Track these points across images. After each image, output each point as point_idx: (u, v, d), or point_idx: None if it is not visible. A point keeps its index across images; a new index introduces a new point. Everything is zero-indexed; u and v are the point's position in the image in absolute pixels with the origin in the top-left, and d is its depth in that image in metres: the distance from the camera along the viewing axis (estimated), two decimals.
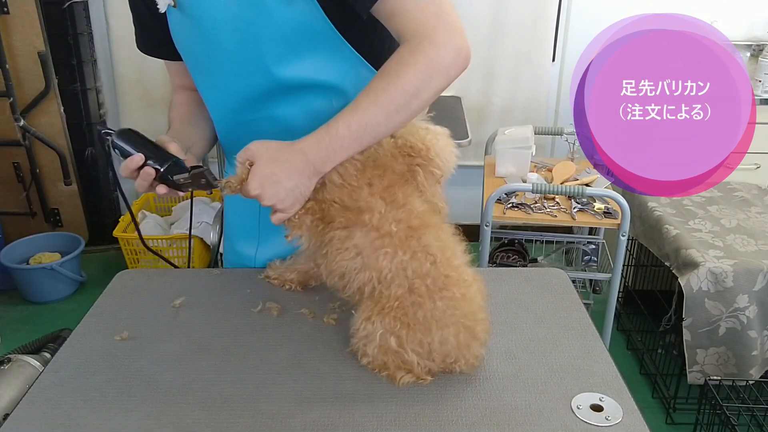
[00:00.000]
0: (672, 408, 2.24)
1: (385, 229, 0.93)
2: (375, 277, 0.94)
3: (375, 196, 0.95)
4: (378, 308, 0.93)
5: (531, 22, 2.94)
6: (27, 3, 2.78)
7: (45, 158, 3.03)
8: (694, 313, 2.02)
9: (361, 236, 0.94)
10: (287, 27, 0.98)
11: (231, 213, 1.32)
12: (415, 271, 0.93)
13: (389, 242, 0.93)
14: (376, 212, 0.94)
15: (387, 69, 0.95)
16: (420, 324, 0.92)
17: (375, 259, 0.93)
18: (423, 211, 0.97)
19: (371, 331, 0.93)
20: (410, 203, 0.96)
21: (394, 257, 0.93)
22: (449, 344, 0.92)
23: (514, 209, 2.19)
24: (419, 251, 0.93)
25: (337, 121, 0.94)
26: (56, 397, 0.91)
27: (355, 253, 0.95)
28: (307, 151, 0.94)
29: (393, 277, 0.93)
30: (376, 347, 0.93)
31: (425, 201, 0.98)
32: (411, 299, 0.92)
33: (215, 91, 1.11)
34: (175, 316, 1.09)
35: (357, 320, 0.96)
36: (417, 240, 0.94)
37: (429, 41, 0.94)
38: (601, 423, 0.85)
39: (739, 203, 2.41)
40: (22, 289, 2.92)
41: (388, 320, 0.92)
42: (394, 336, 0.92)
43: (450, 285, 0.93)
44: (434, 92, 0.97)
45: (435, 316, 0.92)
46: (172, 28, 1.07)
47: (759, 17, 2.98)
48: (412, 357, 0.92)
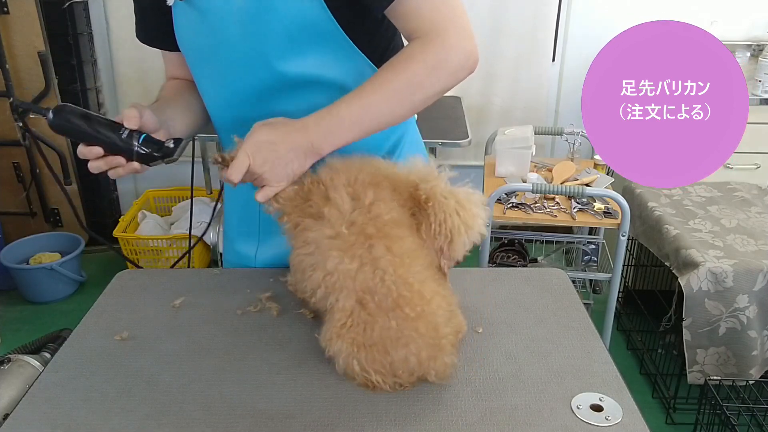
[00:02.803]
0: (672, 408, 2.24)
1: (336, 228, 0.89)
2: (323, 280, 0.89)
3: (345, 190, 0.91)
4: (337, 328, 0.89)
5: (531, 23, 2.95)
6: (27, 3, 2.78)
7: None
8: (694, 313, 2.02)
9: (317, 230, 0.91)
10: (292, 23, 0.98)
11: (231, 213, 1.32)
12: (362, 284, 0.87)
13: (338, 245, 0.88)
14: (335, 207, 0.90)
15: (395, 61, 0.96)
16: (376, 344, 0.87)
17: (324, 260, 0.89)
18: (388, 219, 0.90)
19: (335, 352, 0.89)
20: (377, 204, 0.91)
21: (340, 262, 0.88)
22: (411, 363, 0.87)
23: (514, 209, 2.19)
24: (367, 263, 0.87)
25: (339, 103, 0.95)
26: (56, 397, 0.91)
27: (312, 249, 0.91)
28: (308, 127, 0.94)
29: (341, 286, 0.88)
30: (342, 370, 0.90)
31: (403, 213, 0.92)
32: (362, 316, 0.87)
33: (217, 86, 1.11)
34: (175, 316, 1.09)
35: (322, 340, 0.92)
36: (367, 249, 0.88)
37: (441, 41, 0.95)
38: (601, 423, 0.85)
39: (739, 203, 2.41)
40: (22, 289, 2.92)
41: (347, 345, 0.88)
42: (355, 359, 0.88)
43: (403, 304, 0.86)
44: (438, 91, 0.97)
45: (390, 336, 0.87)
46: (177, 21, 1.07)
47: (759, 17, 2.98)
48: (377, 378, 0.88)
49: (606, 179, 2.33)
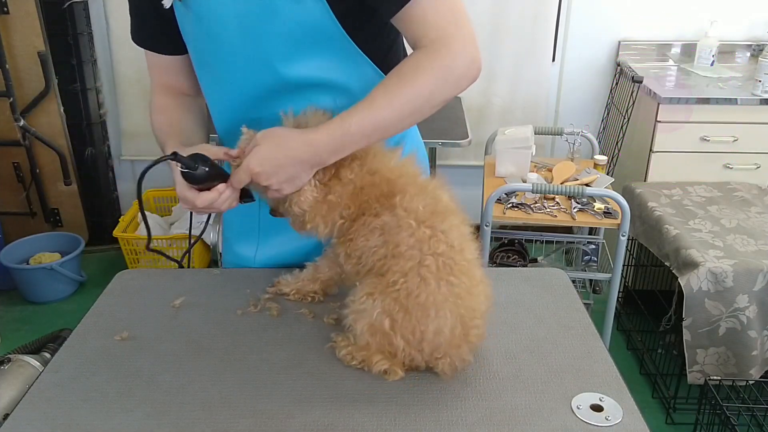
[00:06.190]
0: (672, 408, 2.24)
1: (412, 207, 0.94)
2: (391, 252, 0.93)
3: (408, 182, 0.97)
4: (382, 285, 0.92)
5: (531, 23, 2.95)
6: (27, 3, 2.78)
7: (45, 158, 3.03)
8: (694, 313, 2.02)
9: (389, 216, 0.95)
10: (295, 26, 0.98)
11: (230, 213, 1.31)
12: (431, 248, 0.92)
13: (414, 217, 0.93)
14: (408, 194, 0.95)
15: (403, 71, 0.96)
16: (419, 308, 0.90)
17: (396, 234, 0.93)
18: (448, 204, 0.97)
19: (369, 306, 0.92)
20: (438, 195, 0.97)
21: (415, 231, 0.92)
22: (442, 336, 0.90)
23: (514, 209, 2.19)
24: (439, 232, 0.93)
25: (351, 117, 0.94)
26: (56, 397, 0.91)
27: (380, 233, 0.95)
28: (317, 143, 0.94)
29: (408, 250, 0.92)
30: (366, 325, 0.92)
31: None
32: (416, 280, 0.91)
33: (219, 89, 1.11)
34: (175, 316, 1.09)
35: (358, 293, 0.95)
36: (440, 221, 0.94)
37: (446, 49, 0.94)
38: (601, 423, 0.85)
39: (739, 203, 2.41)
40: (22, 289, 2.92)
41: (389, 301, 0.91)
42: (390, 318, 0.91)
43: (459, 273, 0.92)
44: (443, 100, 0.97)
45: (436, 301, 0.90)
46: (180, 23, 1.07)
47: (759, 17, 2.98)
48: (400, 342, 0.91)
49: (606, 179, 2.33)
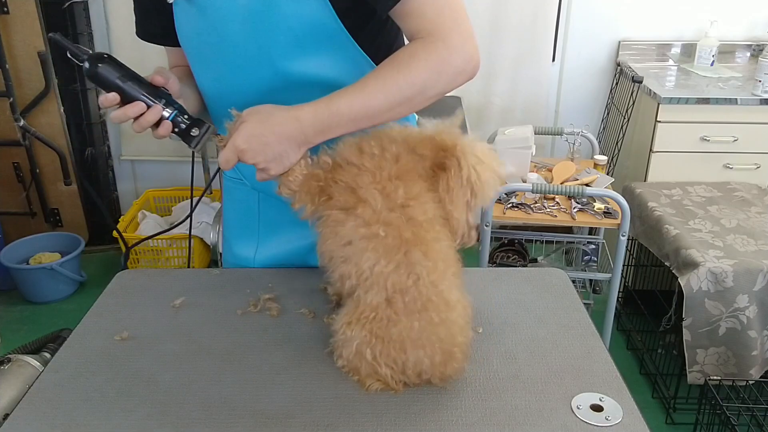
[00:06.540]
0: (672, 408, 2.24)
1: (373, 229, 0.88)
2: (355, 274, 0.90)
3: (374, 186, 0.89)
4: (357, 314, 0.90)
5: (531, 22, 2.94)
6: (27, 3, 2.78)
7: (45, 158, 3.03)
8: (694, 313, 2.02)
9: (351, 227, 0.90)
10: (296, 22, 0.98)
11: (230, 213, 1.32)
12: (395, 285, 0.88)
13: (374, 246, 0.88)
14: (369, 207, 0.89)
15: (399, 59, 0.95)
16: (394, 341, 0.88)
17: (359, 257, 0.89)
18: (423, 220, 0.90)
19: (349, 337, 0.90)
20: (411, 205, 0.89)
21: (376, 263, 0.88)
22: (423, 365, 0.89)
23: (514, 209, 2.19)
24: (403, 265, 0.88)
25: (339, 98, 0.93)
26: (56, 397, 0.91)
27: (344, 243, 0.91)
28: (303, 119, 0.93)
29: (372, 283, 0.89)
30: (352, 353, 0.91)
31: (437, 208, 0.92)
32: (387, 313, 0.88)
33: (218, 84, 1.10)
34: (175, 316, 1.09)
35: (338, 322, 0.93)
36: (404, 254, 0.88)
37: (444, 42, 0.94)
38: (601, 423, 0.85)
39: (739, 203, 2.41)
40: (22, 289, 2.92)
41: (365, 332, 0.89)
42: (370, 348, 0.89)
43: (430, 308, 0.88)
44: (437, 93, 0.97)
45: (410, 336, 0.88)
46: (178, 19, 1.07)
47: (759, 17, 2.98)
48: (386, 371, 0.90)
49: (606, 179, 2.33)
